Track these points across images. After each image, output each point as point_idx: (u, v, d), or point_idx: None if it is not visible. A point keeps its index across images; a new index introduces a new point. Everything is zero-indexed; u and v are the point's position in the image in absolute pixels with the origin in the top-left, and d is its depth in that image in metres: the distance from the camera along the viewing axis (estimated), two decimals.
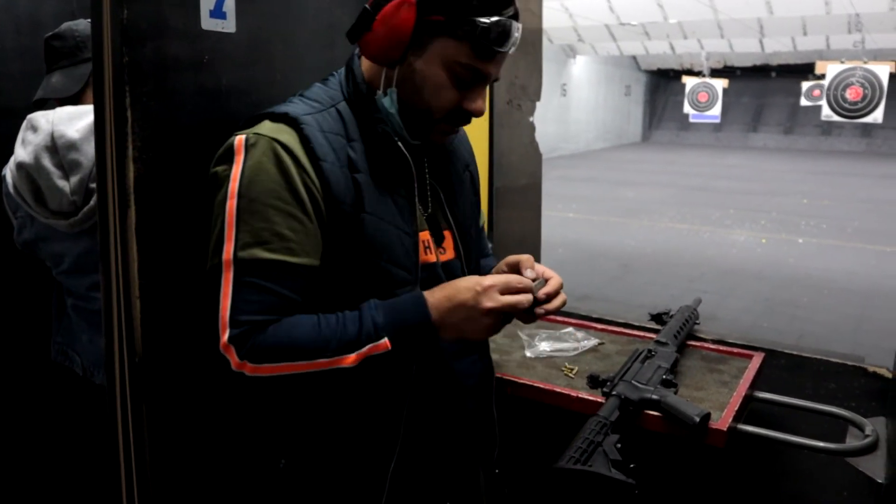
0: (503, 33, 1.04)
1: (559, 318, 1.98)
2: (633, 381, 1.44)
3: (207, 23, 1.21)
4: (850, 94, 8.22)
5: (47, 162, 1.55)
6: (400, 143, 1.12)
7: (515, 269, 1.16)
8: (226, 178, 1.04)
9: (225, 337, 1.00)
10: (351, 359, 1.02)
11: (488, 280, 1.04)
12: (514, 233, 2.43)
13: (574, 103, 20.81)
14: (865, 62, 8.30)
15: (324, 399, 1.14)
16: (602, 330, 1.92)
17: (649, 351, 1.58)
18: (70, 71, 1.66)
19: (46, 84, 1.68)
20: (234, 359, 1.00)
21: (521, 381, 1.57)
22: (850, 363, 1.72)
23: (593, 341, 1.81)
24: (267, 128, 1.06)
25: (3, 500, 2.05)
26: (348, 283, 1.09)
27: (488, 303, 1.02)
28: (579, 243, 8.58)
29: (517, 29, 1.06)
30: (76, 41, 1.66)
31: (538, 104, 2.50)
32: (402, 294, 1.09)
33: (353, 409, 1.14)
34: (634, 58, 23.67)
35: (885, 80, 8.14)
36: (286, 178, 1.03)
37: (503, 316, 1.05)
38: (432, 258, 1.18)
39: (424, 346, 1.07)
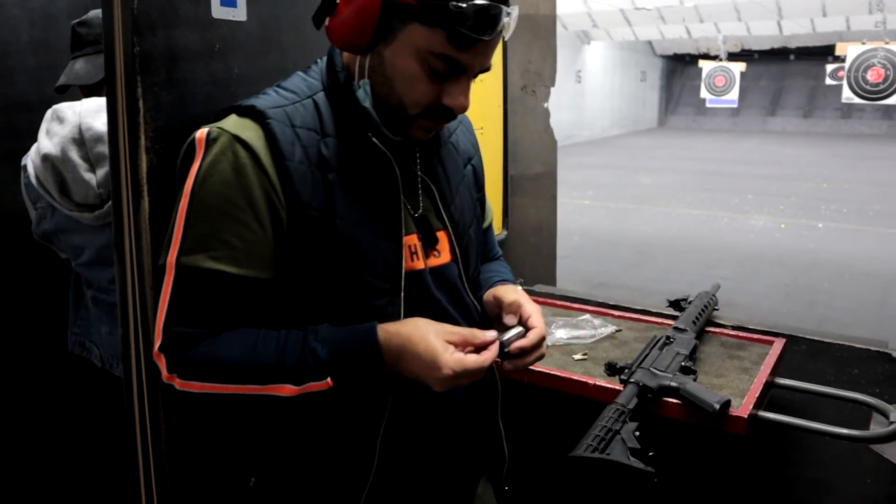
0: (485, 19, 0.90)
1: (576, 306, 1.97)
2: (651, 369, 1.42)
3: (218, 11, 1.21)
4: (872, 76, 8.07)
5: (74, 154, 1.56)
6: (375, 140, 1.01)
7: (498, 305, 1.10)
8: (185, 176, 0.97)
9: (157, 345, 0.95)
10: (289, 390, 0.93)
11: (447, 369, 0.91)
12: (530, 221, 2.41)
13: (589, 90, 20.66)
14: (887, 42, 8.14)
15: (292, 416, 1.05)
16: (619, 317, 1.90)
17: (667, 338, 1.56)
18: (94, 59, 1.66)
19: (70, 70, 1.69)
20: (163, 370, 0.95)
21: (538, 369, 1.56)
22: (873, 349, 1.69)
23: (610, 328, 1.79)
24: (231, 123, 0.97)
25: (22, 491, 2.08)
26: (321, 295, 1.00)
27: (440, 387, 0.94)
28: (595, 230, 8.54)
29: (506, 14, 0.92)
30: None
31: (552, 91, 2.48)
32: (379, 304, 1.00)
33: (326, 428, 1.04)
34: (650, 43, 23.44)
35: None
36: (242, 181, 0.94)
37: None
38: (419, 265, 1.06)
39: (372, 385, 0.98)
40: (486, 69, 1.00)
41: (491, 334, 0.99)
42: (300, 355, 0.93)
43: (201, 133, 0.97)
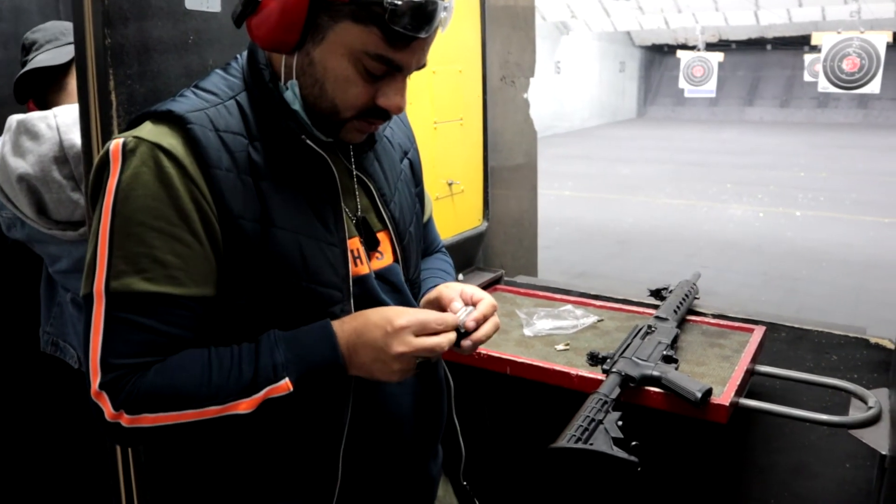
0: (422, 15, 0.85)
1: (558, 296, 1.97)
2: (633, 358, 1.43)
3: (191, 2, 1.19)
4: (847, 65, 8.17)
5: (57, 174, 1.45)
6: (309, 142, 0.95)
7: (438, 304, 1.02)
8: (101, 192, 0.87)
9: (96, 383, 0.85)
10: (245, 404, 0.86)
11: (402, 319, 0.89)
12: (511, 212, 2.41)
13: (568, 81, 20.68)
14: (862, 32, 8.23)
15: (251, 438, 0.98)
16: (601, 307, 1.91)
17: (649, 327, 1.57)
18: (57, 49, 1.61)
19: (33, 62, 1.63)
20: (107, 408, 0.85)
21: (521, 360, 1.56)
22: (851, 335, 1.71)
23: (592, 318, 1.79)
24: (148, 130, 0.88)
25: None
26: (268, 310, 0.93)
27: (399, 347, 0.88)
28: (576, 221, 8.57)
29: (443, 8, 0.88)
30: (59, 28, 1.64)
31: (532, 82, 2.47)
32: (329, 314, 0.94)
33: (287, 446, 0.98)
34: (629, 33, 23.52)
35: (882, 50, 8.08)
36: (169, 192, 0.86)
37: (419, 359, 0.91)
38: (364, 269, 1.01)
39: (331, 385, 0.92)
40: (422, 66, 0.95)
41: (455, 307, 0.99)
42: (256, 361, 0.88)
43: (115, 144, 0.87)
